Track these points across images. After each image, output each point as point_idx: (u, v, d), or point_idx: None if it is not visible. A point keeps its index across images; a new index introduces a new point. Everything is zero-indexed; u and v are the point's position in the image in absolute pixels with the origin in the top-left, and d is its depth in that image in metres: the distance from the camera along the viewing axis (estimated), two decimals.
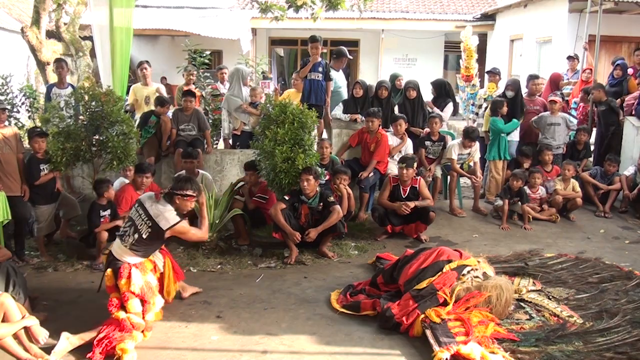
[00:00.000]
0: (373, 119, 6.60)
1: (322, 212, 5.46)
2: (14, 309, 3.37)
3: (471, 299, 3.95)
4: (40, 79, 11.18)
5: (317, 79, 7.04)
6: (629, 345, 3.58)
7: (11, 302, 3.40)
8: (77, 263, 5.25)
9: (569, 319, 3.99)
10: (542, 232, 6.44)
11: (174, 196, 3.87)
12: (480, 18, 15.65)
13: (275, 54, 18.46)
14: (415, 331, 3.79)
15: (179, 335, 3.84)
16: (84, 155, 5.67)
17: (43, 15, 9.56)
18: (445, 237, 6.17)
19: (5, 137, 5.18)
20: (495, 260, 5.08)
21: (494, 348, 3.48)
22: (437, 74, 15.64)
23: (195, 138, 6.92)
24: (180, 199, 3.86)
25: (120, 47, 6.90)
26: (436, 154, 7.18)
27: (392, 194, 6.05)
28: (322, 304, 4.35)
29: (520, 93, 7.74)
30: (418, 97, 7.44)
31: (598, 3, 8.40)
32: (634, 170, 7.23)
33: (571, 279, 4.81)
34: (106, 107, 5.68)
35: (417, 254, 4.43)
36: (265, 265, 5.26)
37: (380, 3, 16.51)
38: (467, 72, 9.03)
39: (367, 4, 9.14)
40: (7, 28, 13.53)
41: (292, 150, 5.53)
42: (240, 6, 16.09)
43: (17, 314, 3.37)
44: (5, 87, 7.86)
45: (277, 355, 3.57)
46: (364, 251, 5.68)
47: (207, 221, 4.25)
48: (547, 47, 12.49)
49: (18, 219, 5.14)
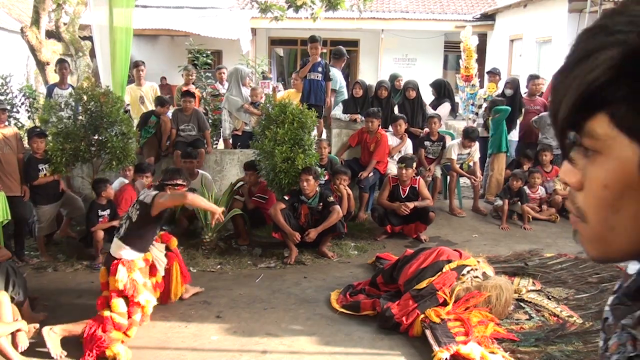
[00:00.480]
0: (373, 119, 6.60)
1: (321, 212, 5.46)
2: (6, 309, 3.38)
3: (471, 299, 3.95)
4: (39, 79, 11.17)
5: (316, 79, 7.03)
6: None
7: (5, 302, 3.41)
8: (76, 263, 5.25)
9: (569, 319, 3.99)
10: (542, 232, 6.44)
11: (165, 187, 3.99)
12: (480, 18, 15.64)
13: (275, 54, 18.45)
14: (415, 331, 3.80)
15: (179, 335, 3.84)
16: (83, 155, 5.67)
17: (43, 15, 9.55)
18: (445, 237, 6.17)
19: (6, 137, 5.18)
20: (495, 260, 5.08)
21: (494, 348, 3.48)
22: (437, 74, 15.63)
23: (195, 138, 6.92)
24: (171, 189, 3.99)
25: (120, 47, 6.89)
26: (436, 154, 7.18)
27: (392, 194, 6.05)
28: (322, 304, 4.35)
29: (519, 92, 7.74)
30: (417, 98, 7.44)
31: (598, 3, 8.41)
32: None
33: (571, 278, 4.81)
34: (105, 108, 5.68)
35: (417, 254, 4.43)
36: (265, 265, 5.26)
37: (380, 3, 16.50)
38: (467, 72, 9.03)
39: (366, 4, 9.14)
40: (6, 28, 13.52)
41: (292, 150, 5.53)
42: (240, 6, 16.08)
43: (8, 314, 3.38)
44: (5, 87, 7.85)
45: (277, 355, 3.57)
46: (364, 251, 5.68)
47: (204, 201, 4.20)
48: (547, 47, 12.49)
49: (18, 219, 5.14)
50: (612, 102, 0.54)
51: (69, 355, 3.52)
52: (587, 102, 0.55)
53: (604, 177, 0.55)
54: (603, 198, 0.56)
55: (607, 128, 0.54)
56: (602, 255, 0.60)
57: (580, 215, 0.60)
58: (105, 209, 5.30)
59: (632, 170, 0.54)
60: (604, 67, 0.53)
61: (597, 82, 0.54)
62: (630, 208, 0.55)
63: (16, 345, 3.38)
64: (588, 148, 0.57)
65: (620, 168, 0.54)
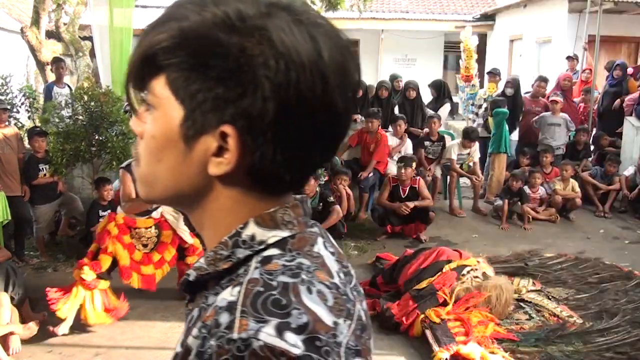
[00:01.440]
0: (373, 120, 6.59)
1: (321, 213, 5.46)
2: (4, 310, 3.38)
3: (471, 299, 3.95)
4: (40, 79, 11.17)
5: None
6: (628, 345, 3.59)
7: (5, 303, 3.41)
8: (76, 263, 5.23)
9: (569, 319, 3.99)
10: (542, 232, 6.44)
11: None
12: (479, 18, 15.63)
13: None
14: (415, 331, 3.80)
15: (179, 335, 3.83)
16: (84, 155, 5.66)
17: (43, 15, 9.55)
18: (445, 237, 6.17)
19: (6, 136, 5.18)
20: (495, 260, 5.08)
21: (494, 348, 3.48)
22: (437, 74, 15.62)
23: None
24: None
25: (120, 48, 6.89)
26: (435, 154, 7.17)
27: (392, 194, 6.05)
28: None
29: (519, 91, 7.74)
30: (417, 98, 7.43)
31: (598, 3, 8.40)
32: (633, 171, 7.23)
33: (571, 279, 4.81)
34: (105, 107, 5.68)
35: (417, 254, 4.43)
36: None
37: (380, 3, 16.49)
38: (467, 73, 9.00)
39: (366, 4, 9.15)
40: (6, 28, 13.52)
41: None
42: None
43: (5, 316, 3.38)
44: (5, 87, 7.85)
45: None
46: (364, 251, 5.68)
47: None
48: (547, 47, 12.49)
49: (18, 219, 5.14)
50: (169, 66, 0.61)
51: None
52: (150, 61, 0.62)
53: (154, 129, 0.63)
54: (151, 147, 0.64)
55: (163, 88, 0.62)
56: (146, 196, 0.69)
57: (137, 160, 0.68)
58: (106, 209, 5.29)
59: (174, 127, 0.62)
60: (168, 35, 0.60)
61: (159, 45, 0.60)
62: (169, 161, 0.64)
63: (8, 347, 3.37)
64: (149, 103, 0.64)
65: (166, 123, 0.62)
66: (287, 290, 0.57)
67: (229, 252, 0.64)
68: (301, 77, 0.59)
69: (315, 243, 0.67)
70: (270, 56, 0.58)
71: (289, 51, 0.58)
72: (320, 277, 0.61)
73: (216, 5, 0.60)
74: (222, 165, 0.61)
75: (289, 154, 0.62)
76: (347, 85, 0.64)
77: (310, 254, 0.64)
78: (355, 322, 0.62)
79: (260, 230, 0.64)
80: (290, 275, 0.59)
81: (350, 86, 0.65)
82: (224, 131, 0.60)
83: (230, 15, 0.59)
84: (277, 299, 0.56)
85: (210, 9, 0.60)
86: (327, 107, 0.62)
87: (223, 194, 0.65)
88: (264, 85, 0.58)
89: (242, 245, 0.64)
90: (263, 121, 0.59)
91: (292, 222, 0.66)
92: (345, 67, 0.64)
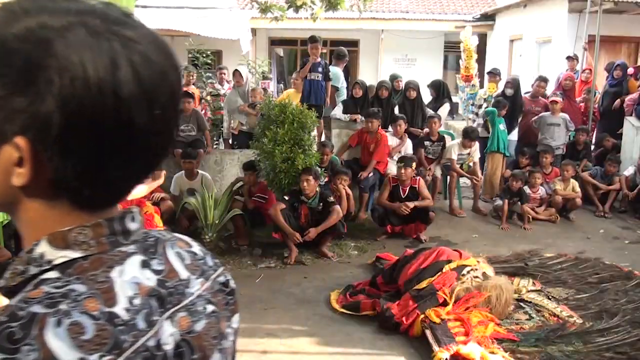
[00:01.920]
0: (373, 120, 6.59)
1: (322, 213, 5.46)
2: None
3: (471, 299, 3.95)
4: None
5: (316, 79, 7.04)
6: (628, 345, 3.59)
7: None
8: None
9: (569, 319, 3.99)
10: (542, 232, 6.44)
11: None
12: (479, 18, 15.63)
13: (275, 54, 18.46)
14: (415, 331, 3.80)
15: None
16: None
17: None
18: (445, 237, 6.17)
19: None
20: (495, 260, 5.08)
21: (494, 348, 3.48)
22: (437, 74, 15.62)
23: (195, 139, 6.92)
24: None
25: None
26: (435, 154, 7.18)
27: (392, 194, 6.05)
28: (321, 304, 4.35)
29: (519, 91, 7.74)
30: (418, 98, 7.44)
31: (598, 3, 8.40)
32: (633, 171, 7.23)
33: (571, 279, 4.81)
34: None
35: (417, 254, 4.44)
36: (265, 265, 5.26)
37: (380, 3, 16.49)
38: (467, 73, 9.00)
39: (366, 4, 9.13)
40: None
41: (292, 150, 5.53)
42: (240, 6, 16.08)
43: None
44: None
45: (277, 355, 3.58)
46: (364, 251, 5.68)
47: None
48: (547, 47, 12.49)
49: None
50: None
51: None
52: None
53: None
54: None
55: None
56: None
57: None
58: None
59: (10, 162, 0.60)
60: None
61: None
62: None
63: None
64: None
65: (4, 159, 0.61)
66: (30, 323, 0.55)
67: (24, 268, 0.63)
68: (86, 93, 0.58)
69: (117, 265, 0.64)
70: (55, 70, 0.58)
71: (75, 66, 0.58)
72: (88, 306, 0.59)
73: (26, 16, 0.60)
74: (22, 176, 0.61)
75: (81, 168, 0.61)
76: (154, 102, 0.62)
77: (94, 279, 0.61)
78: (130, 354, 0.59)
79: (50, 249, 0.62)
80: (45, 305, 0.57)
81: (159, 104, 0.63)
82: (16, 142, 0.59)
83: (32, 27, 0.59)
84: (12, 333, 0.54)
85: (19, 19, 0.60)
86: (121, 123, 0.60)
87: (30, 206, 0.64)
88: (48, 99, 0.58)
89: (33, 263, 0.63)
90: (50, 134, 0.59)
91: (88, 242, 0.63)
92: (155, 85, 0.62)
